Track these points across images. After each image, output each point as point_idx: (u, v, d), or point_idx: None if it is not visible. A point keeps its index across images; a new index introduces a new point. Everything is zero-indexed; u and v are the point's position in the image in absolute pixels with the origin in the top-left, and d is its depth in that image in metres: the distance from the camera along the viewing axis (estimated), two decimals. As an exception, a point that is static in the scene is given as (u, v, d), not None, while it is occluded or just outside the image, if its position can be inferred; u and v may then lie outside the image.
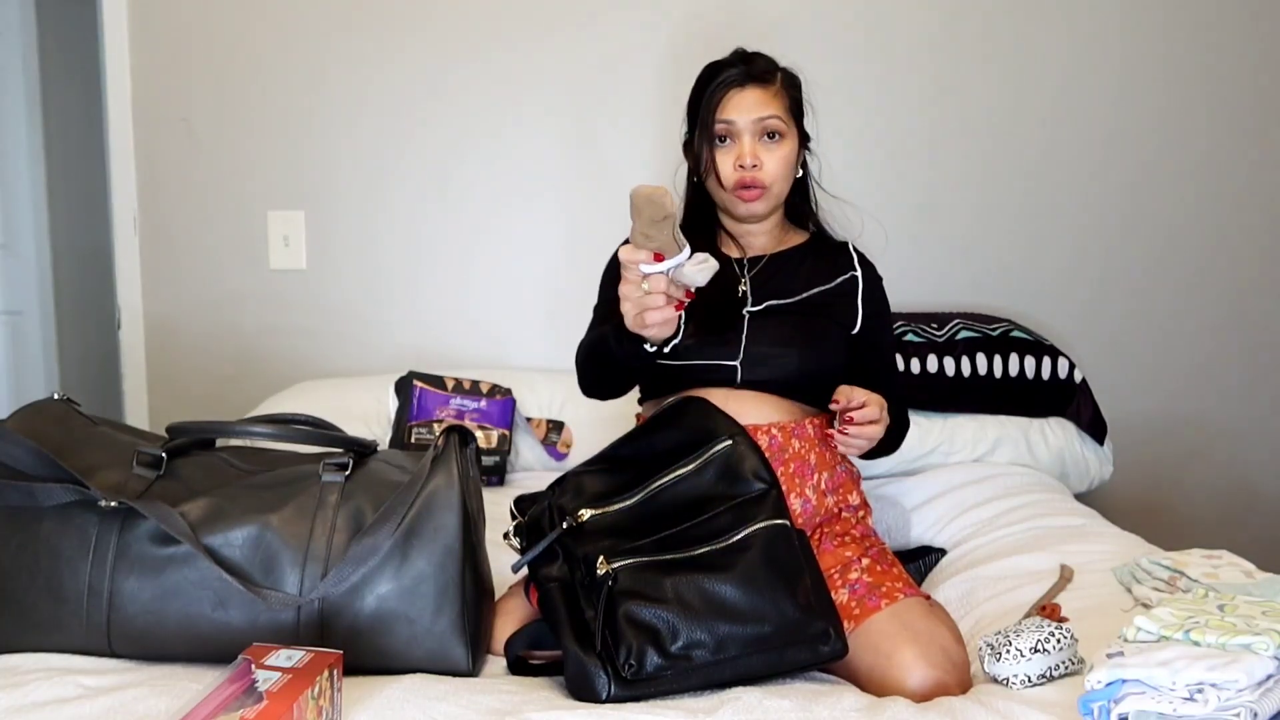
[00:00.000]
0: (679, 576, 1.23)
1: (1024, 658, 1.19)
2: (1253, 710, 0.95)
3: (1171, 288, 2.47)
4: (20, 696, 1.13)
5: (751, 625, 1.22)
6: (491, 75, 2.43)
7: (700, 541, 1.28)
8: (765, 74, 1.62)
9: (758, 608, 1.22)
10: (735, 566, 1.24)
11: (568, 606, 1.26)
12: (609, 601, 1.21)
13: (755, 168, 1.60)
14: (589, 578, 1.25)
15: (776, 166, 1.61)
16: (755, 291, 1.66)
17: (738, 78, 1.61)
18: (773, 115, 1.60)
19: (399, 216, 2.48)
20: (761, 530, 1.28)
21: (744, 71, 1.62)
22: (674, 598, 1.21)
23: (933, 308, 2.36)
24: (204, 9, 2.45)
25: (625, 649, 1.18)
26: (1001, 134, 2.43)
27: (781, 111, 1.62)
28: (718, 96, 1.61)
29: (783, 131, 1.61)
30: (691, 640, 1.20)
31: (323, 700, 1.07)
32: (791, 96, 1.65)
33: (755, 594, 1.23)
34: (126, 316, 2.53)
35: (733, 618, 1.21)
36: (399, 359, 2.43)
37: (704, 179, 1.65)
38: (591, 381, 1.66)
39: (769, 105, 1.61)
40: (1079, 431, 2.20)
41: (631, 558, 1.25)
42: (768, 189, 1.62)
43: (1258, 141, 2.44)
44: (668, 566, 1.24)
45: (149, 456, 1.30)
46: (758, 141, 1.61)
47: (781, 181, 1.63)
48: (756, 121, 1.60)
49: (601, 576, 1.23)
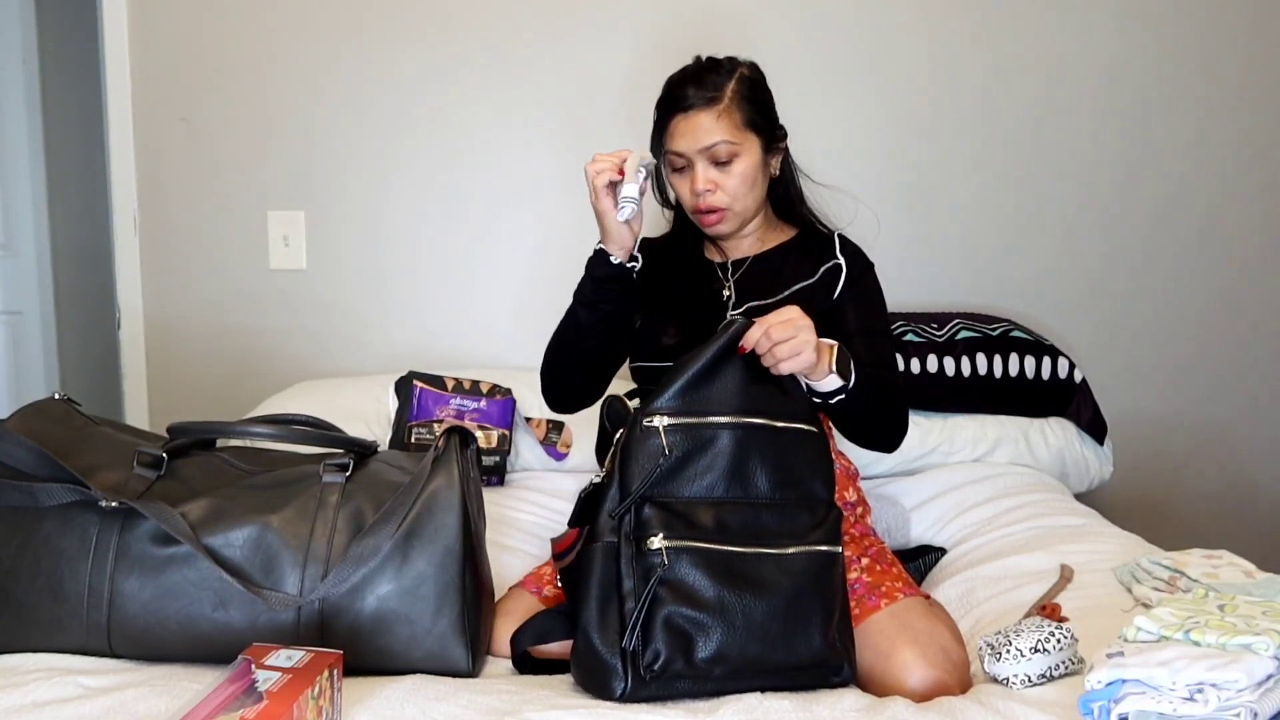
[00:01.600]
0: (727, 587, 1.21)
1: (1024, 657, 1.19)
2: (1253, 710, 0.95)
3: (1172, 287, 2.47)
4: (20, 696, 1.13)
5: (782, 653, 1.22)
6: (492, 77, 2.43)
7: (761, 536, 1.26)
8: (712, 94, 1.56)
9: (791, 639, 1.23)
10: (783, 590, 1.24)
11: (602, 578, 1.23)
12: (653, 594, 1.20)
13: (710, 193, 1.58)
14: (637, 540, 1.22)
15: (735, 185, 1.59)
16: (739, 294, 1.66)
17: (683, 100, 1.57)
18: (720, 140, 1.56)
19: (399, 217, 2.48)
20: (819, 555, 1.28)
21: (691, 93, 1.57)
22: (718, 609, 1.20)
23: (933, 308, 2.36)
24: (204, 9, 2.45)
25: (654, 651, 1.19)
26: (999, 134, 2.43)
27: (729, 133, 1.56)
28: (665, 123, 1.60)
29: (736, 153, 1.57)
30: (720, 655, 1.20)
31: (323, 700, 1.07)
32: (745, 107, 1.58)
33: (793, 624, 1.23)
34: (126, 316, 2.53)
35: (765, 642, 1.22)
36: (399, 359, 2.43)
37: (674, 205, 1.68)
38: (561, 375, 1.64)
39: (714, 131, 1.56)
40: (1079, 431, 2.20)
41: (687, 539, 1.23)
42: (728, 209, 1.60)
43: (1251, 138, 2.44)
44: (719, 563, 1.23)
45: (149, 457, 1.30)
46: (710, 167, 1.58)
47: (744, 198, 1.61)
48: (704, 150, 1.57)
49: (653, 552, 1.21)
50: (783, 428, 1.33)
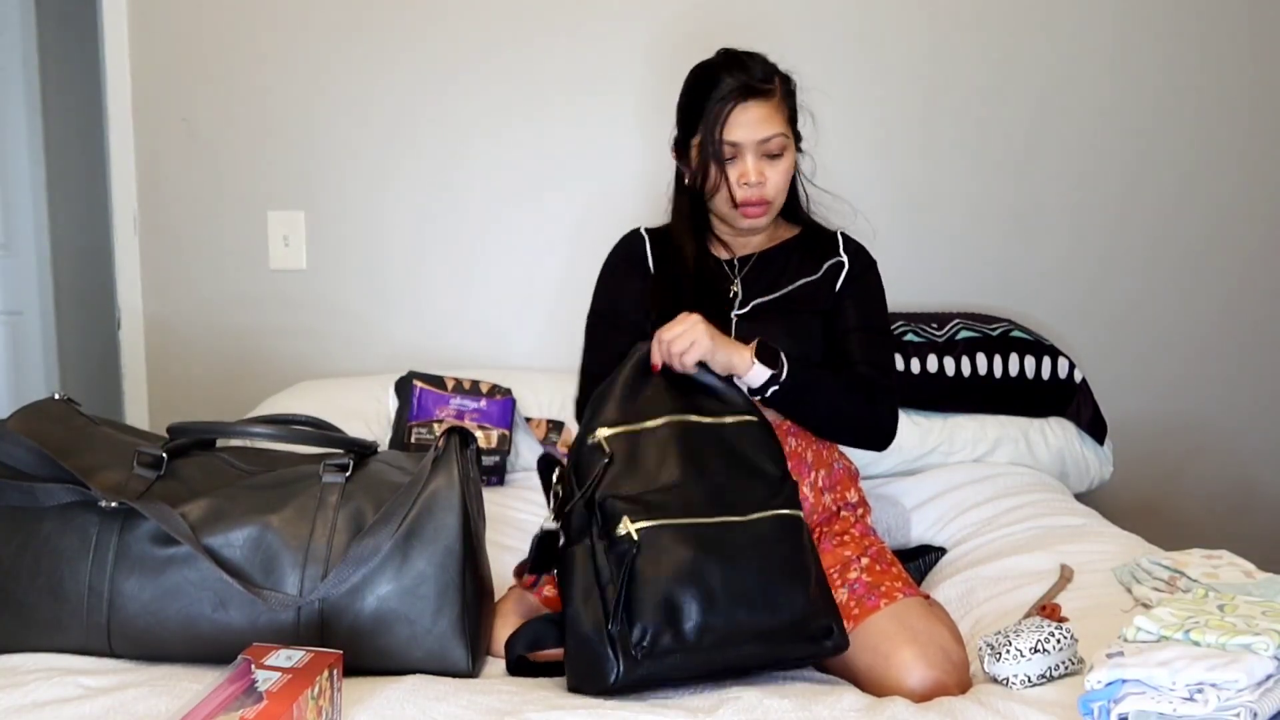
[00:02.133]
0: (701, 556, 1.22)
1: (1024, 658, 1.19)
2: (1253, 710, 0.95)
3: (1172, 287, 2.47)
4: (20, 696, 1.13)
5: (764, 614, 1.22)
6: (492, 77, 2.43)
7: (724, 506, 1.28)
8: (765, 85, 1.57)
9: (773, 600, 1.23)
10: (756, 553, 1.25)
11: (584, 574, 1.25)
12: (629, 574, 1.20)
13: (760, 185, 1.59)
14: (607, 530, 1.24)
15: (779, 180, 1.61)
16: (746, 291, 1.66)
17: (738, 91, 1.55)
18: (776, 134, 1.57)
19: (399, 217, 2.48)
20: (785, 518, 1.29)
21: (744, 84, 1.56)
22: (694, 577, 1.21)
23: (933, 308, 2.36)
24: (204, 9, 2.45)
25: (640, 629, 1.18)
26: (1000, 133, 2.43)
27: (783, 127, 1.59)
28: (721, 113, 1.56)
29: (784, 147, 1.60)
30: (706, 624, 1.20)
31: (323, 700, 1.07)
32: (789, 105, 1.63)
33: (772, 585, 1.23)
34: (126, 316, 2.53)
35: (747, 605, 1.22)
36: (399, 359, 2.42)
37: (709, 195, 1.62)
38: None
39: (772, 123, 1.57)
40: (1079, 431, 2.20)
41: (654, 518, 1.24)
42: (771, 203, 1.62)
43: (1253, 139, 2.44)
44: (690, 536, 1.23)
45: (149, 457, 1.30)
46: (760, 159, 1.59)
47: (783, 193, 1.64)
48: (761, 142, 1.57)
49: (623, 537, 1.22)
50: (723, 422, 1.38)
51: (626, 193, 2.40)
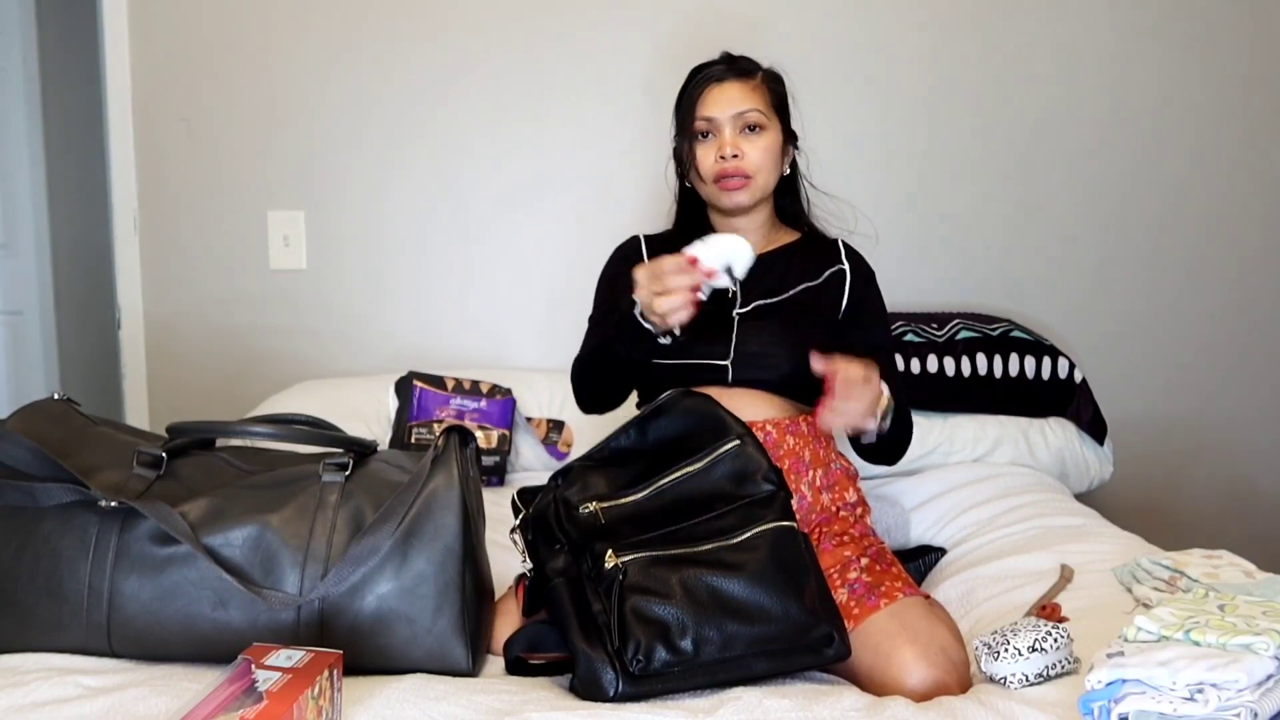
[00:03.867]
0: (688, 572, 1.22)
1: (1021, 657, 1.19)
2: (1253, 710, 0.95)
3: (1172, 287, 2.47)
4: (20, 696, 1.13)
5: (759, 625, 1.21)
6: (492, 78, 2.43)
7: (707, 538, 1.27)
8: (746, 70, 1.65)
9: (765, 608, 1.22)
10: (744, 565, 1.24)
11: (574, 602, 1.25)
12: (619, 596, 1.21)
13: (736, 157, 1.61)
14: (596, 571, 1.25)
15: (759, 156, 1.63)
16: (746, 291, 1.66)
17: (718, 74, 1.64)
18: (752, 108, 1.62)
19: (399, 217, 2.48)
20: (770, 531, 1.28)
21: (725, 68, 1.65)
22: (683, 594, 1.21)
23: (933, 308, 2.36)
24: (204, 9, 2.45)
25: (634, 644, 1.18)
26: (1000, 133, 2.43)
27: (762, 105, 1.64)
28: (698, 93, 1.64)
29: (763, 124, 1.63)
30: (700, 637, 1.19)
31: (323, 700, 1.07)
32: (773, 91, 1.67)
33: (763, 594, 1.23)
34: (126, 316, 2.53)
35: (741, 617, 1.21)
36: (399, 359, 2.43)
37: (687, 176, 1.68)
38: (592, 392, 1.66)
39: (748, 99, 1.63)
40: (1079, 431, 2.20)
41: (640, 551, 1.24)
42: (751, 178, 1.63)
43: (1253, 138, 2.44)
44: (676, 561, 1.24)
45: (149, 456, 1.30)
46: (739, 134, 1.62)
47: (766, 172, 1.64)
48: (736, 116, 1.62)
49: (610, 570, 1.23)
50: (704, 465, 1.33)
51: (626, 194, 2.40)
